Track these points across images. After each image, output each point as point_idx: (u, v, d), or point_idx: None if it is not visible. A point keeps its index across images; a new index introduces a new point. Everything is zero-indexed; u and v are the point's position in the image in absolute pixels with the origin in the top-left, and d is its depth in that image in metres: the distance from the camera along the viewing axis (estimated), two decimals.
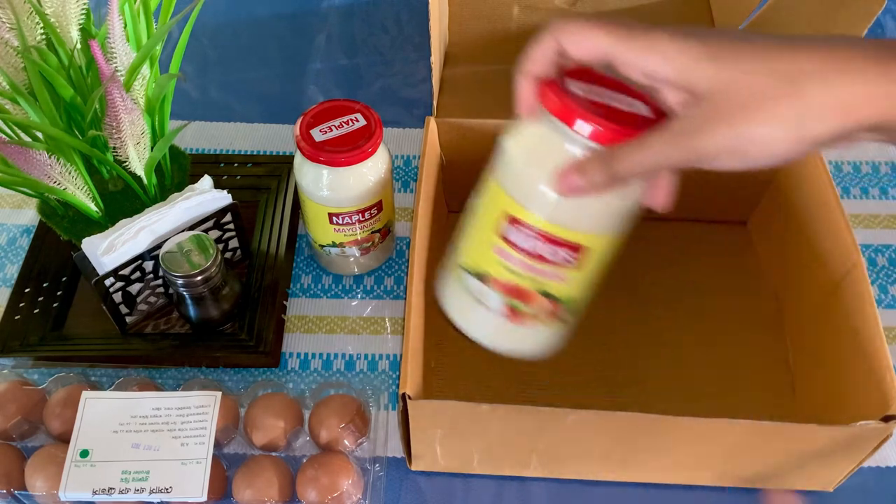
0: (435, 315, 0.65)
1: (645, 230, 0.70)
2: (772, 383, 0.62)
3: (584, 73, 0.40)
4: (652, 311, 0.66)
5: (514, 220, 0.41)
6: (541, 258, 0.40)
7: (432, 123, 0.63)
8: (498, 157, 0.42)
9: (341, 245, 0.64)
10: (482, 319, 0.45)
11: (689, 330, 0.65)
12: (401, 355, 0.51)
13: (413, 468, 0.58)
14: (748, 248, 0.70)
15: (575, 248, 0.40)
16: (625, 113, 0.39)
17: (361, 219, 0.61)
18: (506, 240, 0.41)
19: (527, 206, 0.40)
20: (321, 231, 0.63)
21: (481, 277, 0.43)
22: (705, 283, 0.67)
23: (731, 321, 0.65)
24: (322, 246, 0.65)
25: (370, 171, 0.59)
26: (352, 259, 0.66)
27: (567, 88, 0.39)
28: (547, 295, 0.42)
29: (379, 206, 0.61)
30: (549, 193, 0.39)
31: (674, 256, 0.69)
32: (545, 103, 0.39)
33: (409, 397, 0.48)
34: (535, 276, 0.41)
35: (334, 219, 0.61)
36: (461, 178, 0.69)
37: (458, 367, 0.63)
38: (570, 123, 0.38)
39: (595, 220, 0.40)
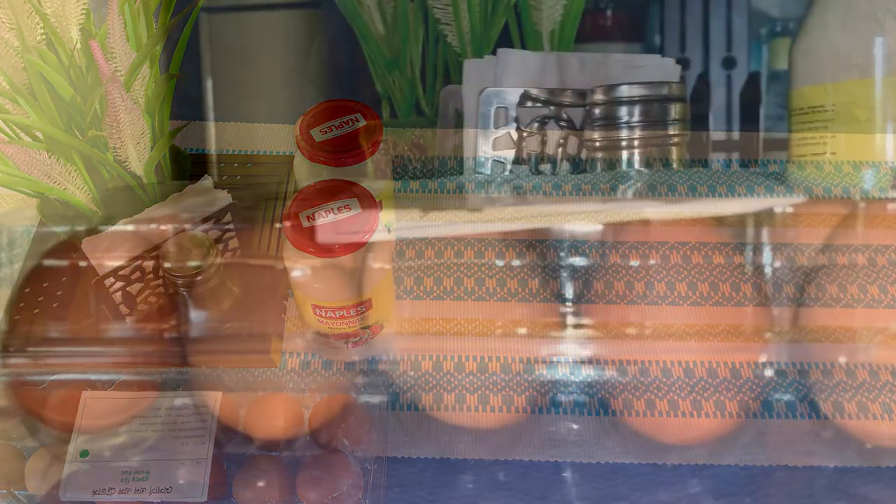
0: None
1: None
2: None
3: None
4: None
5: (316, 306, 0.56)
6: (343, 317, 0.56)
7: None
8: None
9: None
10: (342, 353, 0.61)
11: None
12: None
13: None
14: None
15: (356, 305, 0.55)
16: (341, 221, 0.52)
17: None
18: (320, 315, 0.56)
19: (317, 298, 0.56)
20: None
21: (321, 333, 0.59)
22: None
23: None
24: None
25: (370, 173, 0.59)
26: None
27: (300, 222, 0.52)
28: (365, 328, 0.58)
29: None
30: (322, 288, 0.55)
31: None
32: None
33: None
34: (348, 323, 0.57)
35: None
36: None
37: None
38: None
39: (355, 289, 0.55)
